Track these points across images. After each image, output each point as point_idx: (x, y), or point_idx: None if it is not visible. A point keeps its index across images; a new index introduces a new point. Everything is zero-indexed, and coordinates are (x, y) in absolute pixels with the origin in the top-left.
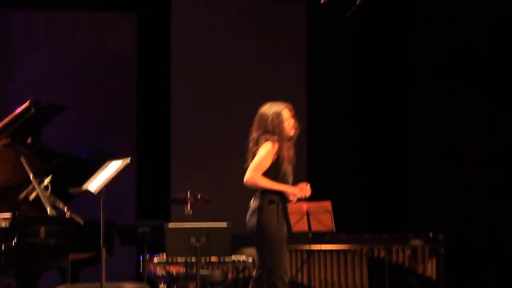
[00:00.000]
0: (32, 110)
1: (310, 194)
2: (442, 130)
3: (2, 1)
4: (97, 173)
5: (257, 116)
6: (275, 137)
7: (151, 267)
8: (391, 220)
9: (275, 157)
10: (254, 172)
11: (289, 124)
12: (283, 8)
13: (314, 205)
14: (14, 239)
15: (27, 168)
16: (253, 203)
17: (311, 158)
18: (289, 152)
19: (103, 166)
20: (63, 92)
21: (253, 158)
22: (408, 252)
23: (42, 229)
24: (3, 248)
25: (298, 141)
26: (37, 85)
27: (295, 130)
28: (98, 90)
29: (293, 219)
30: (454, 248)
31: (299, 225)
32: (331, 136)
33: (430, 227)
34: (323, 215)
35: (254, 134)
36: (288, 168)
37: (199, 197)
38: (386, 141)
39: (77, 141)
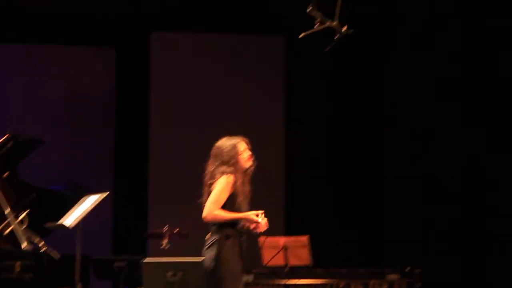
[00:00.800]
0: (10, 143)
1: (267, 227)
2: (418, 165)
3: None
4: (74, 207)
5: (213, 150)
6: (231, 169)
7: None
8: (368, 255)
9: (231, 191)
10: (212, 207)
11: (245, 157)
12: (262, 42)
13: (291, 239)
14: None
15: (2, 202)
16: (209, 238)
17: (289, 194)
18: (243, 186)
19: (80, 201)
20: (41, 126)
21: (209, 192)
22: (385, 286)
23: (17, 264)
24: None
25: (253, 177)
26: (14, 118)
27: (251, 162)
28: (76, 124)
29: (269, 253)
30: (430, 283)
31: (276, 260)
32: (309, 171)
33: (406, 261)
34: (300, 249)
35: (210, 167)
36: (243, 202)
37: (176, 231)
38: (362, 176)
39: (54, 175)
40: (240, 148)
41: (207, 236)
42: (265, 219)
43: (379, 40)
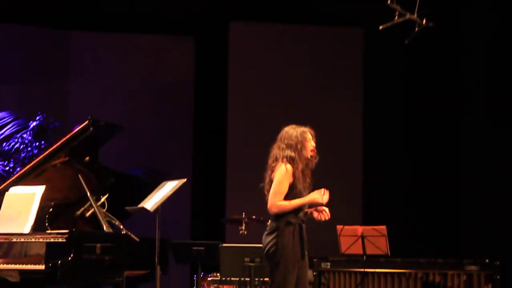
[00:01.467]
0: (91, 129)
1: (327, 199)
2: (495, 154)
3: (62, 22)
4: (153, 192)
5: (281, 134)
6: (295, 154)
7: (205, 285)
8: (446, 246)
9: (291, 180)
10: (275, 199)
11: (310, 145)
12: (340, 34)
13: (369, 228)
14: (70, 255)
15: (84, 185)
16: (270, 223)
17: (367, 184)
18: (303, 175)
19: (159, 186)
20: (120, 113)
21: (270, 178)
22: (463, 277)
23: (98, 246)
24: (59, 263)
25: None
26: (95, 105)
27: (313, 154)
28: (156, 111)
29: (347, 241)
30: (510, 275)
31: (353, 248)
32: (387, 162)
33: (485, 253)
34: (378, 238)
35: (275, 150)
36: (303, 190)
37: (253, 218)
38: (439, 166)
39: (133, 161)
40: (308, 136)
41: (269, 222)
42: (327, 194)
43: (456, 32)
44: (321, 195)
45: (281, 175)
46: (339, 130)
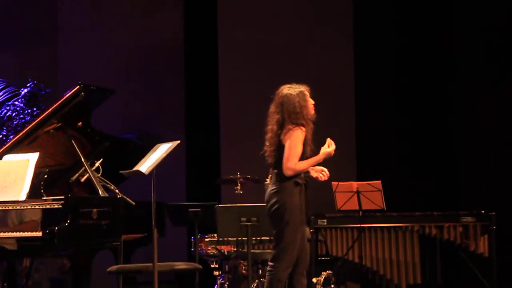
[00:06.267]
0: (82, 94)
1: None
2: (493, 107)
3: None
4: (147, 155)
5: (279, 98)
6: (302, 119)
7: (203, 246)
8: (442, 200)
9: (304, 143)
10: (292, 161)
11: (310, 104)
12: None
13: (364, 184)
14: (67, 221)
15: (78, 151)
16: (276, 183)
17: (361, 140)
18: (311, 136)
19: (153, 149)
20: (111, 77)
21: (277, 141)
22: (459, 229)
23: (94, 211)
24: (56, 229)
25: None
26: (85, 70)
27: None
28: (146, 74)
29: (342, 197)
30: (506, 226)
31: (349, 204)
32: (381, 116)
33: (481, 205)
34: (373, 194)
35: (276, 115)
36: (310, 153)
37: (249, 177)
38: (434, 119)
39: (125, 125)
40: (306, 95)
41: (270, 181)
42: (333, 144)
43: None
44: (331, 149)
45: (296, 138)
46: (331, 86)
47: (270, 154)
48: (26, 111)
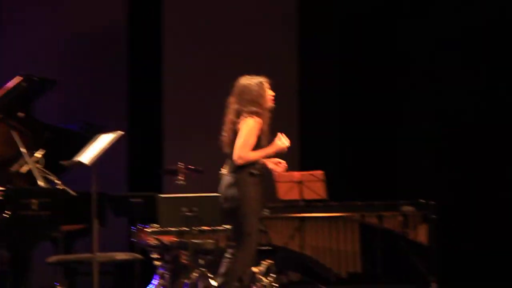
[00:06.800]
0: (24, 84)
1: (288, 143)
2: (432, 98)
3: None
4: (88, 145)
5: (238, 87)
6: (259, 108)
7: (144, 237)
8: (382, 190)
9: (259, 133)
10: (244, 150)
11: (270, 95)
12: None
13: (306, 174)
14: (6, 212)
15: (18, 141)
16: (231, 174)
17: (303, 130)
18: (267, 127)
19: (94, 139)
20: (52, 67)
21: (234, 130)
22: (399, 218)
23: (35, 202)
24: None
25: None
26: (26, 60)
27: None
28: (88, 63)
29: (284, 187)
30: (445, 214)
31: (291, 194)
32: (323, 107)
33: (420, 194)
34: (316, 183)
35: (234, 105)
36: (266, 143)
37: (191, 168)
38: (375, 108)
39: (68, 115)
40: (265, 86)
41: (224, 171)
42: (286, 138)
43: None
44: (283, 142)
45: (250, 127)
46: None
47: (226, 144)
48: None
